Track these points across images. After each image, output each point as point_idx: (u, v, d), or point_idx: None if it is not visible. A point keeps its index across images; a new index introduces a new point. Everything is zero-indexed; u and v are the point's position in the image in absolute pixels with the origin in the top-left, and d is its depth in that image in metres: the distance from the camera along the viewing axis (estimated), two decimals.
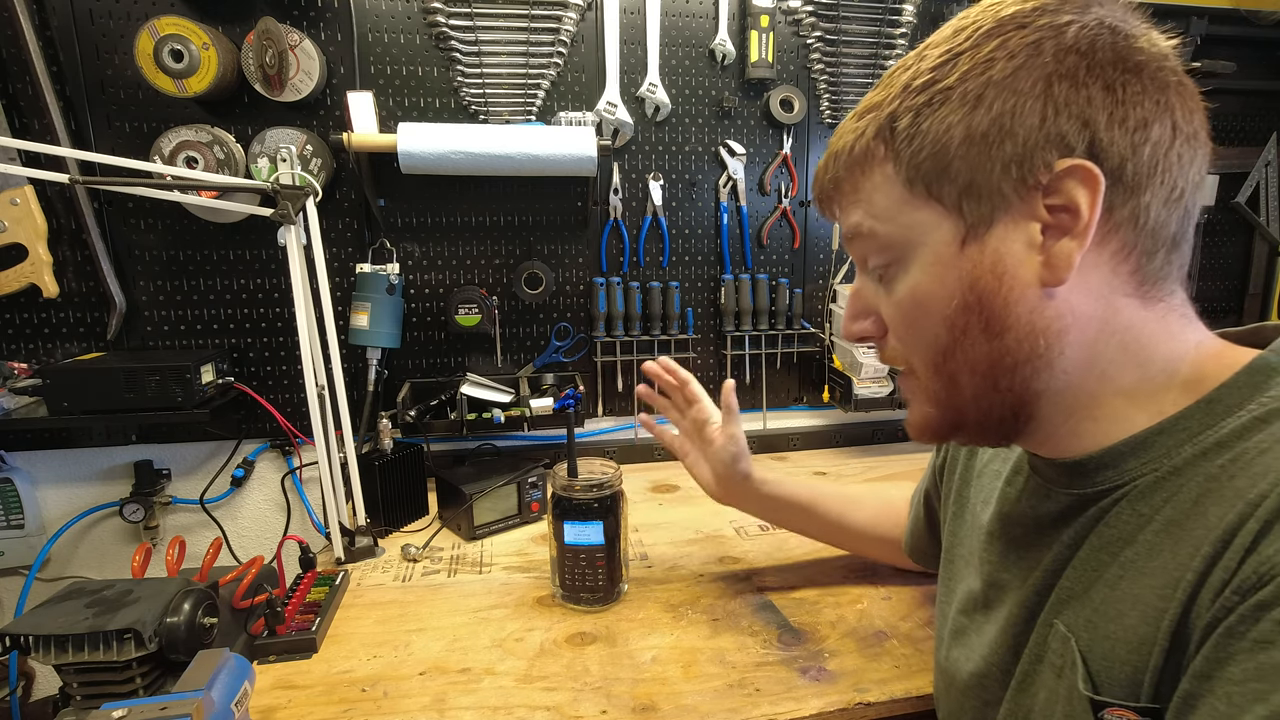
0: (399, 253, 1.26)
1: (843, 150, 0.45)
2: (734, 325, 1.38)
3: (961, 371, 0.43)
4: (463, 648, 0.77)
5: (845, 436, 1.50)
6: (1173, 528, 0.38)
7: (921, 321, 0.43)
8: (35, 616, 0.70)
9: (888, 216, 0.43)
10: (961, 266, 0.41)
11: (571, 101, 1.27)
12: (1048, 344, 0.41)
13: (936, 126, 0.40)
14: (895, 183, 0.42)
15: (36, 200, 1.11)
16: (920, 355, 0.45)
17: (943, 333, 0.42)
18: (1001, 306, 0.40)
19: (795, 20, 1.32)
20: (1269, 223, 1.58)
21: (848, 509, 0.86)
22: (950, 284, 0.41)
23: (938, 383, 0.44)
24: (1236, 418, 0.38)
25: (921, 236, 0.42)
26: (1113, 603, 0.40)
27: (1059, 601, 0.44)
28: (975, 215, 0.40)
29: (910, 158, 0.41)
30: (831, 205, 0.48)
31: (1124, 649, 0.38)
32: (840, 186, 0.46)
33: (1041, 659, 0.45)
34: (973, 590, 0.54)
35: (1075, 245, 0.38)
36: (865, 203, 0.44)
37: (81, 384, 1.06)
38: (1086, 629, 0.41)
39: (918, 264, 0.42)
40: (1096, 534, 0.43)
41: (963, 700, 0.53)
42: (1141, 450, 0.41)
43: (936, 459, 0.70)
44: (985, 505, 0.55)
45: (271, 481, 1.32)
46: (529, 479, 1.10)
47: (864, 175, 0.44)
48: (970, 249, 0.41)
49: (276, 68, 1.09)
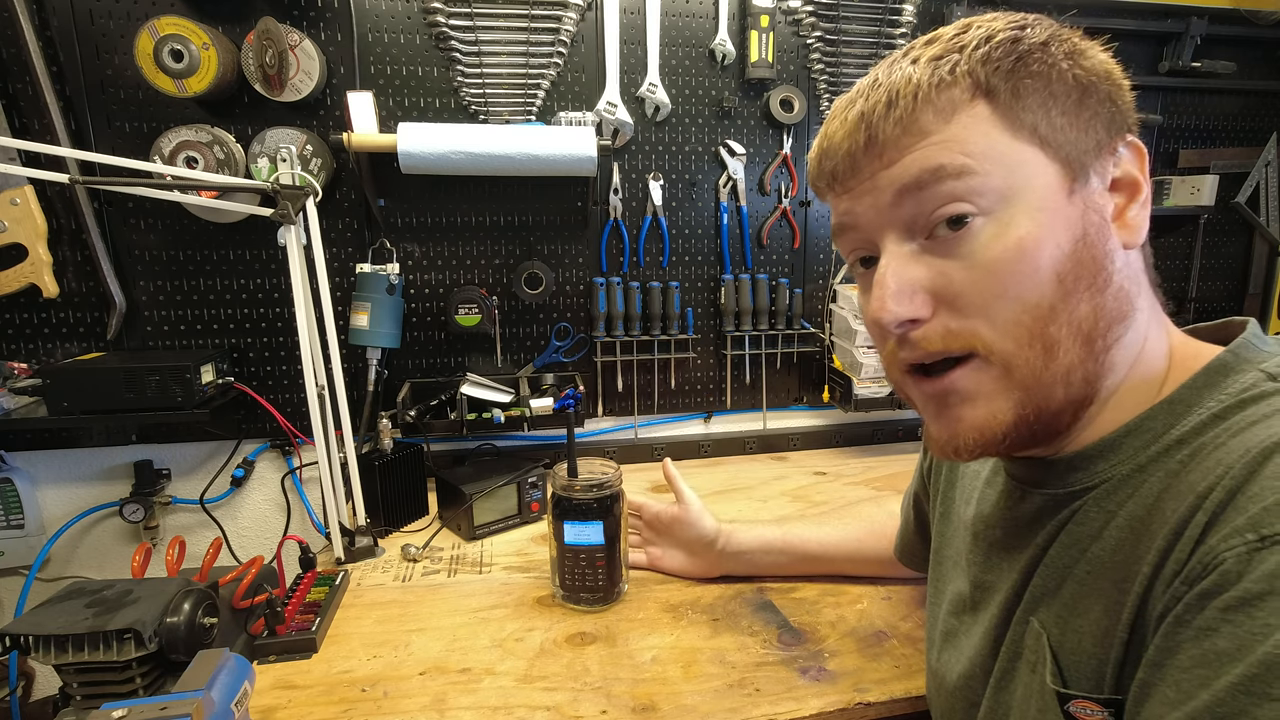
0: (399, 253, 1.26)
1: (908, 93, 0.40)
2: (734, 325, 1.38)
3: (1063, 334, 0.39)
4: (463, 648, 0.77)
5: (845, 436, 1.50)
6: (1135, 523, 0.39)
7: (1024, 278, 0.39)
8: (35, 616, 0.70)
9: (988, 156, 0.39)
10: (1071, 214, 0.39)
11: (571, 101, 1.27)
12: (1131, 306, 0.41)
13: (1043, 73, 0.39)
14: (993, 124, 0.39)
15: (36, 200, 1.11)
16: (1012, 324, 0.39)
17: (1049, 289, 0.39)
18: (1104, 259, 0.40)
19: (795, 20, 1.32)
20: (1269, 223, 1.58)
21: (827, 537, 0.88)
22: (1060, 232, 0.39)
23: (1032, 354, 0.39)
24: (1195, 415, 0.39)
25: (1027, 180, 0.39)
26: (1080, 598, 0.41)
27: (1033, 600, 0.45)
28: (1078, 165, 0.40)
29: (1014, 100, 0.39)
30: (887, 153, 0.41)
31: (1089, 642, 0.39)
32: (911, 129, 0.40)
33: (1019, 656, 0.46)
34: (961, 592, 0.55)
35: (1143, 212, 0.41)
36: (954, 143, 0.39)
37: (81, 384, 1.06)
38: (1057, 624, 0.42)
39: (1024, 210, 0.39)
40: (1067, 532, 0.43)
41: (952, 702, 0.53)
42: (1110, 452, 0.42)
43: (924, 461, 0.70)
44: (967, 504, 0.56)
45: (271, 481, 1.32)
46: (529, 479, 1.10)
47: (942, 118, 0.40)
48: (1076, 197, 0.40)
49: (276, 68, 1.09)
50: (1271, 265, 1.62)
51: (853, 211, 0.44)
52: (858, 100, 0.43)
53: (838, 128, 0.43)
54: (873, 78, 0.43)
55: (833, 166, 0.44)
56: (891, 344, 0.44)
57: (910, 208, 0.41)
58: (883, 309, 0.41)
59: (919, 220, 0.41)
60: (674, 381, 1.41)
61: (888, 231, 0.43)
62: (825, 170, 0.45)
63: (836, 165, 0.44)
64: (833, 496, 1.21)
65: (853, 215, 0.44)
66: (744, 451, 1.46)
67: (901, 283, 0.41)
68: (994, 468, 0.53)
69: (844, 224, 0.45)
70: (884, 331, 0.43)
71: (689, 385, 1.43)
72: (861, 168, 0.43)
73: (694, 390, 1.43)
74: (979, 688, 0.50)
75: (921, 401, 0.45)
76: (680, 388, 1.42)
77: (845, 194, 0.44)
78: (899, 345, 0.43)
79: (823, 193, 0.47)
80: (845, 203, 0.45)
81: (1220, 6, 1.46)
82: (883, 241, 0.43)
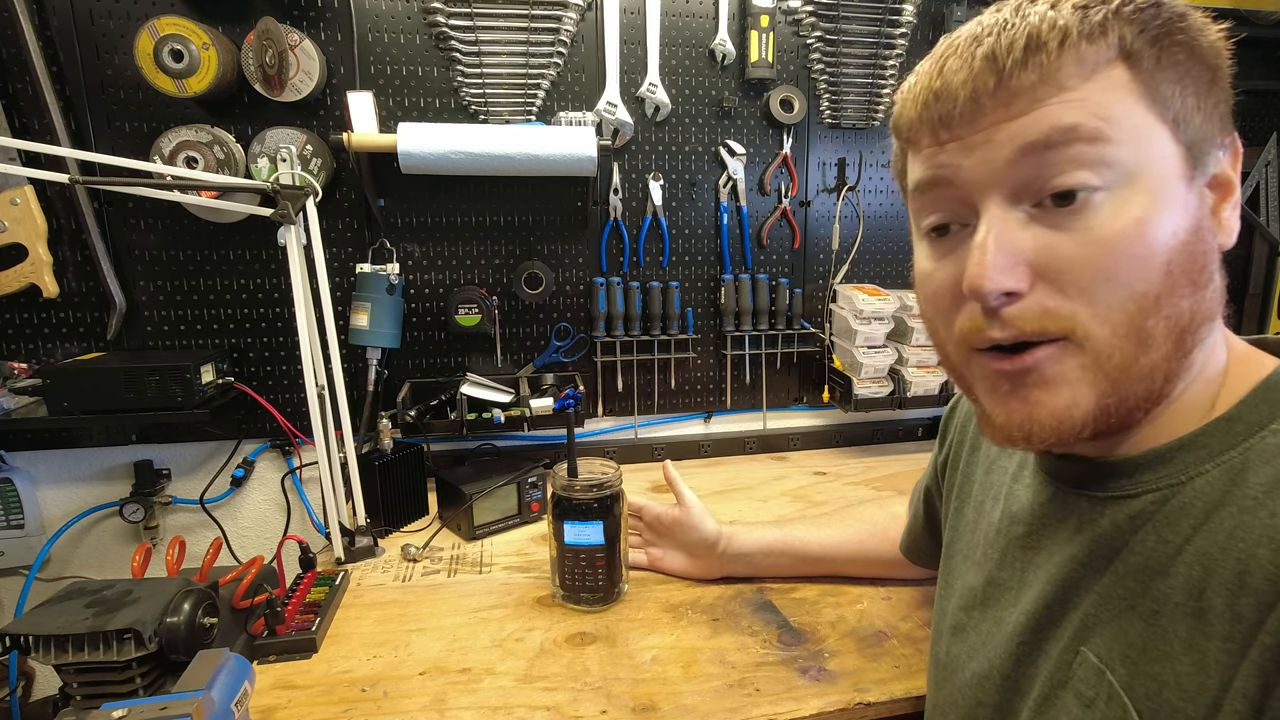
0: (399, 253, 1.26)
1: (1054, 39, 0.36)
2: (734, 325, 1.38)
3: (1160, 329, 0.37)
4: (463, 648, 0.77)
5: (845, 436, 1.50)
6: (1211, 564, 0.35)
7: (1138, 261, 0.36)
8: (35, 616, 0.70)
9: (1122, 125, 0.36)
10: (1189, 202, 0.37)
11: (571, 101, 1.27)
12: (1220, 308, 0.39)
13: (1185, 46, 0.37)
14: (1131, 92, 0.36)
15: (36, 200, 1.11)
16: (1115, 310, 0.36)
17: (1157, 279, 0.36)
18: (1209, 255, 0.38)
19: (795, 20, 1.32)
20: (1269, 223, 1.59)
21: (828, 538, 0.88)
22: (1178, 220, 0.36)
23: (1125, 345, 0.37)
24: (1260, 439, 0.37)
25: (1153, 159, 0.36)
26: (1154, 641, 0.37)
27: (1084, 627, 0.42)
28: (1199, 151, 0.38)
29: (1156, 70, 0.36)
30: (1017, 102, 0.37)
31: (1175, 694, 0.36)
32: (1050, 78, 0.36)
33: (1065, 685, 0.42)
34: (972, 586, 0.54)
35: (1235, 213, 0.40)
36: (1090, 103, 0.36)
37: (81, 384, 1.06)
38: (1124, 665, 0.38)
39: (1145, 190, 0.36)
40: (1121, 560, 0.40)
41: (957, 696, 0.53)
42: (1160, 464, 0.40)
43: (939, 455, 0.69)
44: (995, 502, 0.55)
45: (271, 481, 1.32)
46: (529, 479, 1.10)
47: (1083, 73, 0.36)
48: (1193, 186, 0.37)
49: (276, 68, 1.09)
50: (1271, 265, 1.62)
51: (955, 165, 0.39)
52: (984, 38, 0.38)
53: (958, 66, 0.38)
54: (1000, 17, 0.38)
55: (945, 111, 0.39)
56: (975, 319, 0.40)
57: (1029, 169, 0.37)
58: (984, 276, 0.37)
59: (1034, 184, 0.37)
60: (674, 381, 1.41)
61: (993, 193, 0.38)
62: (933, 114, 0.40)
63: (952, 110, 0.38)
64: (833, 497, 1.22)
65: (954, 169, 0.40)
66: (744, 451, 1.46)
67: (1007, 250, 0.37)
68: (1020, 462, 0.52)
69: (940, 178, 0.41)
70: (978, 300, 0.39)
71: (689, 385, 1.43)
72: (983, 115, 0.38)
73: (694, 390, 1.43)
74: (992, 690, 0.49)
75: (989, 381, 0.41)
76: (680, 388, 1.42)
77: (952, 143, 0.39)
78: (988, 320, 0.39)
79: (918, 141, 0.42)
80: (948, 154, 0.40)
81: (1220, 6, 1.45)
82: (985, 203, 0.39)
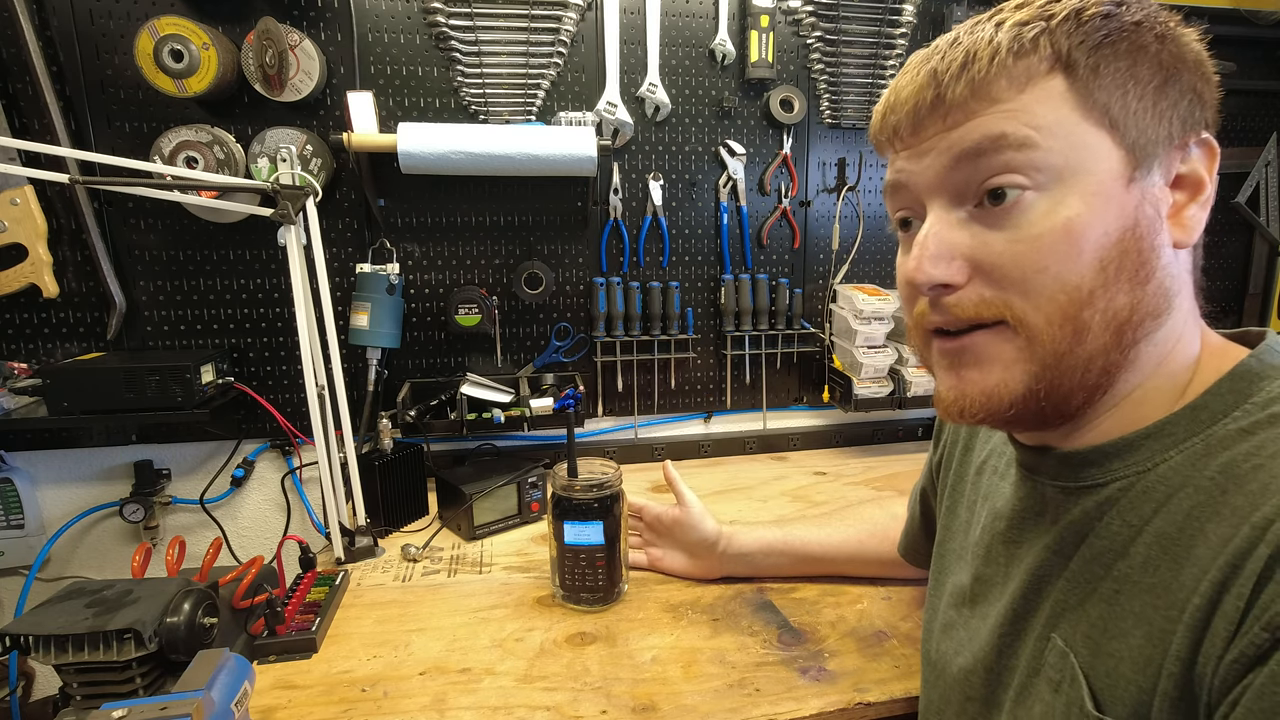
0: (399, 253, 1.26)
1: (985, 56, 0.39)
2: (734, 325, 1.38)
3: (1096, 321, 0.39)
4: (463, 648, 0.77)
5: (845, 436, 1.50)
6: (1167, 543, 0.37)
7: (1066, 260, 0.39)
8: (35, 616, 0.70)
9: (1053, 133, 0.39)
10: (1125, 203, 0.39)
11: (571, 101, 1.27)
12: (1168, 304, 0.41)
13: (1129, 53, 0.38)
14: (1066, 101, 0.39)
15: (36, 200, 1.11)
16: (1046, 301, 0.39)
17: (1089, 274, 0.38)
18: (1150, 253, 0.39)
19: (795, 20, 1.32)
20: (1269, 223, 1.58)
21: (828, 538, 0.88)
22: (1111, 220, 0.38)
23: (1060, 334, 0.39)
24: (1222, 425, 0.38)
25: (1088, 163, 0.39)
26: (1113, 619, 0.39)
27: (1054, 614, 0.44)
28: (1141, 154, 0.39)
29: (1093, 78, 0.38)
30: (952, 114, 0.41)
31: (1128, 668, 0.38)
32: (980, 93, 0.40)
33: (1038, 672, 0.44)
34: (961, 585, 0.55)
35: (1201, 213, 0.41)
36: (1022, 113, 0.39)
37: (81, 384, 1.06)
38: (1085, 645, 0.41)
39: (1078, 192, 0.38)
40: (1088, 545, 0.42)
41: (948, 693, 0.54)
42: (1128, 452, 0.41)
43: (934, 456, 0.70)
44: (984, 502, 0.56)
45: (271, 481, 1.32)
46: (529, 479, 1.10)
47: (1015, 86, 0.39)
48: (1134, 187, 0.39)
49: (276, 68, 1.09)
50: (1271, 265, 1.62)
51: (908, 170, 0.44)
52: (933, 57, 0.42)
53: (907, 83, 0.43)
54: (954, 35, 0.42)
55: (896, 122, 0.43)
56: (922, 306, 0.44)
57: (964, 173, 0.41)
58: (919, 270, 0.41)
59: (970, 187, 0.41)
60: (674, 381, 1.41)
61: (937, 195, 0.42)
62: (888, 124, 0.44)
63: (900, 121, 0.43)
64: (833, 496, 1.22)
65: (907, 174, 0.44)
66: (744, 451, 1.46)
67: (941, 246, 0.41)
68: (1008, 461, 0.53)
69: (898, 181, 0.45)
70: (915, 292, 0.43)
71: (689, 385, 1.43)
72: (924, 126, 0.42)
73: (694, 390, 1.43)
74: (978, 685, 0.50)
75: (936, 360, 0.45)
76: (680, 388, 1.42)
77: (904, 151, 0.44)
78: (930, 308, 0.43)
79: (883, 148, 0.47)
80: (902, 160, 0.44)
81: (1220, 6, 1.46)
82: (931, 204, 0.43)
